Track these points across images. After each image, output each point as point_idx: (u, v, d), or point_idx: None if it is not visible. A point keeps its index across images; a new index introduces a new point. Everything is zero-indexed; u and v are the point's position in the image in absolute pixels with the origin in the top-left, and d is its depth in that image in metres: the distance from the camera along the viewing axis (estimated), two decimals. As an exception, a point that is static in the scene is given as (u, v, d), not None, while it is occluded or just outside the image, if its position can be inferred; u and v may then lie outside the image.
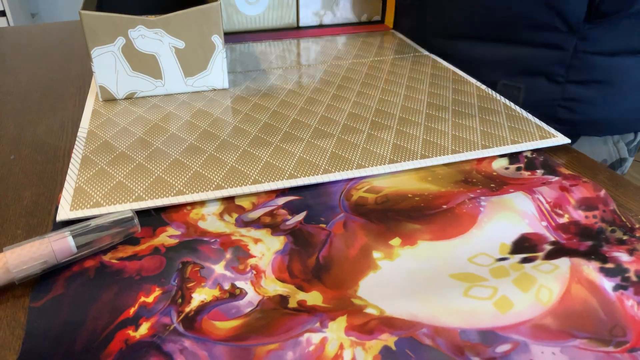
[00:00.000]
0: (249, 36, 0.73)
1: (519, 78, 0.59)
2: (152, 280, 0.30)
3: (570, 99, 0.57)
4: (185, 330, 0.27)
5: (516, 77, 0.60)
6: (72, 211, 0.35)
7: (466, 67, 0.62)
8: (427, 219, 0.35)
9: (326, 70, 0.61)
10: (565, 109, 0.58)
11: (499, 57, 0.60)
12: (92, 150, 0.43)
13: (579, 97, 0.57)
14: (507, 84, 0.60)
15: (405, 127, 0.47)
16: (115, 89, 0.53)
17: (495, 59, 0.61)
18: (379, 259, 0.32)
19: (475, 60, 0.62)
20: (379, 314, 0.28)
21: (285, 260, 0.32)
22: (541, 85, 0.58)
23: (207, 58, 0.53)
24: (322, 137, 0.45)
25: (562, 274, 0.30)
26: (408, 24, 0.76)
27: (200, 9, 0.50)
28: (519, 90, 0.60)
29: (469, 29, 0.62)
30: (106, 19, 0.48)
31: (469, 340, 0.26)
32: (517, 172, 0.41)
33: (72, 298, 0.29)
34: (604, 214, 0.35)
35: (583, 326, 0.27)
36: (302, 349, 0.26)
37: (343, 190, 0.39)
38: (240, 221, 0.36)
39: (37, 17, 2.42)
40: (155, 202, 0.37)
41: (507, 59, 0.60)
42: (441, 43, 0.67)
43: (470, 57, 0.63)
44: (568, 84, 0.57)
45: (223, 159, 0.42)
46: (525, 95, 0.60)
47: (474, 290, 0.29)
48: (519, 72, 0.59)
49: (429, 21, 0.69)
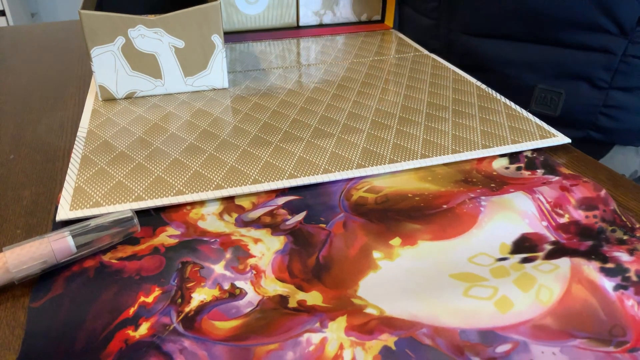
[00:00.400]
0: (249, 36, 0.73)
1: (558, 82, 0.56)
2: (152, 280, 0.30)
3: (612, 106, 0.54)
4: (185, 330, 0.27)
5: (554, 81, 0.56)
6: (71, 211, 0.35)
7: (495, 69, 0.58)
8: (427, 219, 0.35)
9: (326, 69, 0.61)
10: (605, 116, 0.55)
11: (536, 59, 0.56)
12: (91, 150, 0.43)
13: (622, 105, 0.54)
14: (546, 88, 0.56)
15: (405, 127, 0.47)
16: (115, 89, 0.52)
17: (531, 60, 0.56)
18: (379, 259, 0.32)
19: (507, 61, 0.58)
20: (379, 314, 0.28)
21: (285, 260, 0.32)
22: (582, 91, 0.55)
23: (207, 58, 0.53)
24: (322, 136, 0.45)
25: (562, 274, 0.30)
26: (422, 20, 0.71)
27: (200, 9, 0.50)
28: (559, 95, 0.56)
29: (502, 26, 0.58)
30: (106, 18, 0.48)
31: (468, 340, 0.26)
32: (518, 172, 0.41)
33: (71, 298, 0.29)
34: (605, 214, 0.35)
35: (583, 326, 0.27)
36: (302, 349, 0.26)
37: (343, 190, 0.39)
38: (240, 221, 0.36)
39: (36, 17, 2.42)
40: (155, 202, 0.37)
41: (546, 61, 0.56)
42: (467, 41, 0.62)
43: (502, 57, 0.58)
44: (612, 90, 0.53)
45: (223, 158, 0.42)
46: (563, 100, 0.56)
47: (474, 290, 0.29)
48: (558, 76, 0.55)
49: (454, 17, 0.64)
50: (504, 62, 0.58)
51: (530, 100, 0.59)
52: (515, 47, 0.57)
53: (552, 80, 0.56)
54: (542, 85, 0.56)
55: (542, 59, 0.56)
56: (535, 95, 0.56)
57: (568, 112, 0.50)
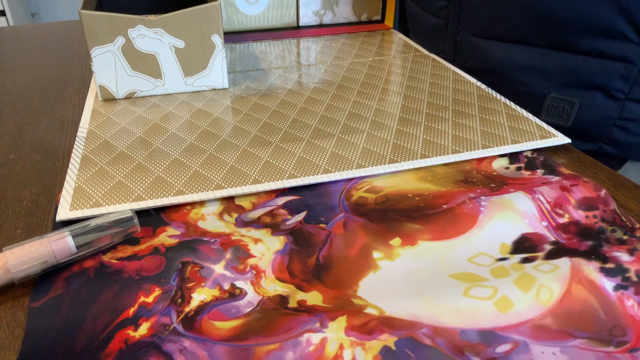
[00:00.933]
0: (249, 36, 0.73)
1: (571, 91, 0.52)
2: (152, 280, 0.30)
3: (628, 118, 0.51)
4: (185, 330, 0.27)
5: (567, 90, 0.53)
6: (71, 211, 0.35)
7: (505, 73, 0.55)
8: (427, 219, 0.35)
9: (326, 70, 0.61)
10: (620, 129, 0.52)
11: (549, 65, 0.53)
12: (91, 150, 0.43)
13: (639, 117, 0.51)
14: (558, 97, 0.53)
15: (405, 127, 0.47)
16: (115, 89, 0.52)
17: (543, 67, 0.53)
18: (379, 259, 0.32)
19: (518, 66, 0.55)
20: (379, 314, 0.28)
21: (285, 260, 0.32)
22: (596, 101, 0.52)
23: (207, 58, 0.53)
24: (322, 136, 0.45)
25: (562, 274, 0.30)
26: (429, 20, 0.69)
27: (200, 9, 0.50)
28: (572, 105, 0.53)
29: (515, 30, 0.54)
30: (106, 18, 0.48)
31: (468, 340, 0.26)
32: (518, 172, 0.41)
33: (71, 298, 0.29)
34: (605, 214, 0.35)
35: (583, 326, 0.27)
36: (302, 349, 0.26)
37: (343, 190, 0.39)
38: (240, 221, 0.36)
39: (36, 17, 2.42)
40: (155, 202, 0.37)
41: (560, 68, 0.52)
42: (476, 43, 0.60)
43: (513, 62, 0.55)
44: (628, 102, 0.50)
45: (223, 158, 0.42)
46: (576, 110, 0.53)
47: (474, 290, 0.29)
48: (571, 85, 0.52)
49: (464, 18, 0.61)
50: (515, 67, 0.56)
51: (540, 109, 0.56)
52: (527, 52, 0.54)
53: (565, 89, 0.53)
54: (554, 94, 0.54)
55: (556, 65, 0.53)
56: (547, 104, 0.53)
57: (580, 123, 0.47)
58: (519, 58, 0.55)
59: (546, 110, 0.54)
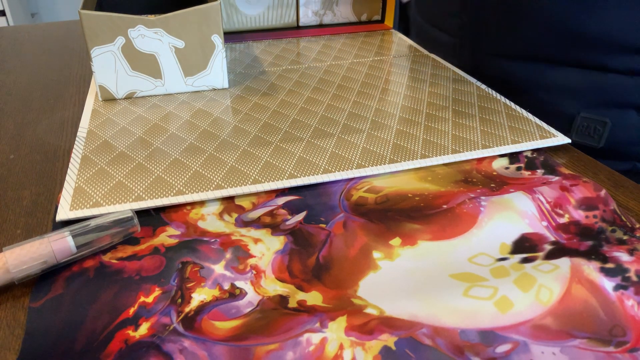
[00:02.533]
0: (249, 36, 0.73)
1: (603, 110, 0.50)
2: (152, 280, 0.30)
3: None
4: (185, 330, 0.27)
5: (598, 109, 0.50)
6: (71, 211, 0.35)
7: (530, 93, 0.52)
8: (427, 219, 0.35)
9: (326, 70, 0.61)
10: None
11: (578, 84, 0.51)
12: (91, 150, 0.43)
13: None
14: (589, 117, 0.51)
15: (405, 127, 0.47)
16: (115, 89, 0.52)
17: (571, 86, 0.51)
18: (379, 259, 0.32)
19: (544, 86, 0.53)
20: (379, 314, 0.28)
21: (285, 260, 0.32)
22: (629, 120, 0.50)
23: (207, 58, 0.53)
24: (322, 136, 0.45)
25: (562, 274, 0.30)
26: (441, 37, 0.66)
27: (200, 9, 0.50)
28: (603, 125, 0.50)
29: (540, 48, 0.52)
30: (106, 18, 0.48)
31: (468, 340, 0.26)
32: (518, 172, 0.41)
33: (71, 298, 0.29)
34: (604, 214, 0.35)
35: (583, 326, 0.27)
36: (302, 349, 0.26)
37: (343, 190, 0.39)
38: (240, 221, 0.36)
39: (36, 17, 2.42)
40: (155, 202, 0.36)
41: (589, 87, 0.50)
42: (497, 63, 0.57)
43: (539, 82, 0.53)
44: None
45: (223, 158, 0.42)
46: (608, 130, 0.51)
47: (474, 290, 0.29)
48: (602, 104, 0.50)
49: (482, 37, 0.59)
50: (541, 87, 0.54)
51: (570, 130, 0.53)
52: (553, 71, 0.52)
53: (597, 109, 0.50)
54: (584, 114, 0.51)
55: (585, 84, 0.51)
56: (577, 124, 0.51)
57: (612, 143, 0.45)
58: (545, 77, 0.53)
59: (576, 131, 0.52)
